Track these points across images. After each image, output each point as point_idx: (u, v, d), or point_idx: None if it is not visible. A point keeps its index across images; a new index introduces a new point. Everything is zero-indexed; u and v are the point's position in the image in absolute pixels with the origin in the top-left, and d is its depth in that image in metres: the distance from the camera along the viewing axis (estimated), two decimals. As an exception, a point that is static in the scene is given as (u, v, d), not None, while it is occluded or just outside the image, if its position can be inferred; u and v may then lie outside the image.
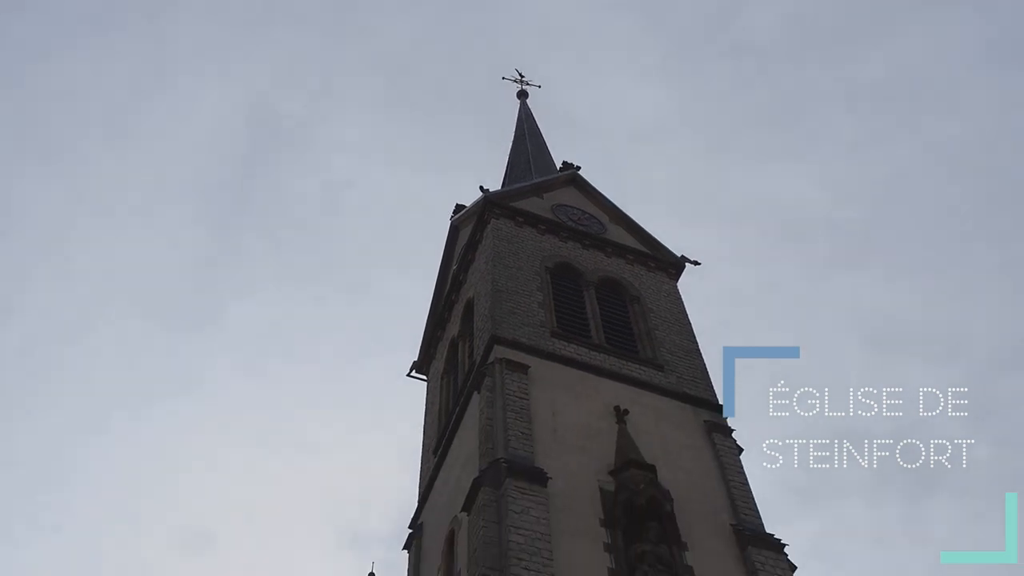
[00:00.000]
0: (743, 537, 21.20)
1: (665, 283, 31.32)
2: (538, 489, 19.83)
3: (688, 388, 26.00)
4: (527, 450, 21.06)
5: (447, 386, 30.20)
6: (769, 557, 20.96)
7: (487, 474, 20.22)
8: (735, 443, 24.48)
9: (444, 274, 35.43)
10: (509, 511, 19.03)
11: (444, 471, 25.70)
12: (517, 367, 23.59)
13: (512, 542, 18.34)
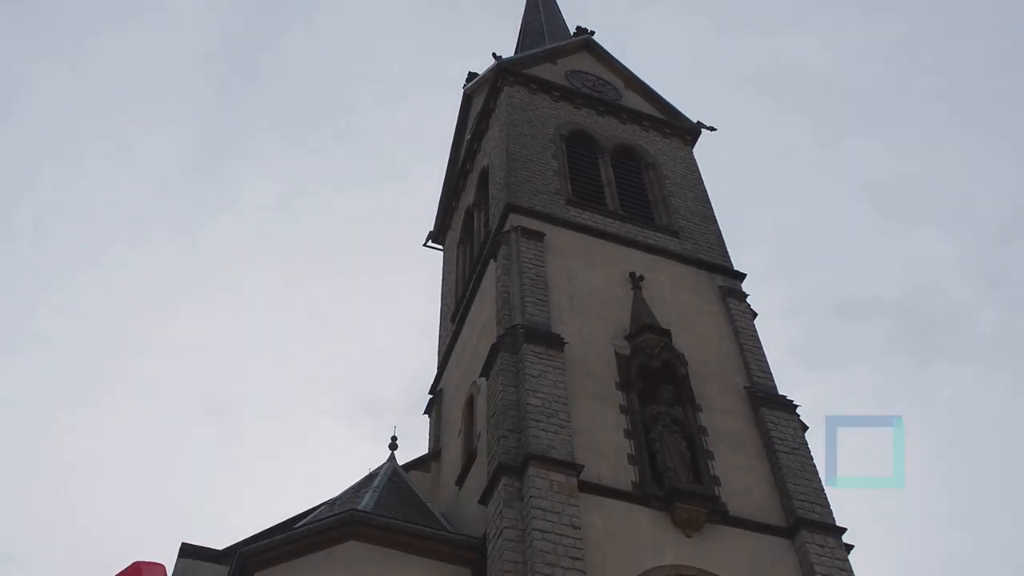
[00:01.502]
0: (756, 399, 21.65)
1: (681, 149, 31.11)
2: (555, 354, 20.21)
3: (703, 254, 26.12)
4: (543, 316, 21.38)
5: (463, 255, 30.43)
6: (781, 418, 21.45)
7: (504, 340, 20.60)
8: (749, 308, 24.75)
9: (458, 144, 35.24)
10: (527, 375, 19.46)
11: (462, 338, 26.15)
12: (533, 235, 23.73)
13: (530, 405, 18.80)
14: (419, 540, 17.50)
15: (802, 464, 20.47)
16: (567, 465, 17.81)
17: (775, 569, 18.26)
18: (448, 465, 23.65)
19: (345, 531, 17.20)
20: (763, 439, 20.93)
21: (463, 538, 18.08)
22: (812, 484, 20.08)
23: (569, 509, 17.07)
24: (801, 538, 18.72)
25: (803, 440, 21.26)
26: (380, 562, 16.96)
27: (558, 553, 16.25)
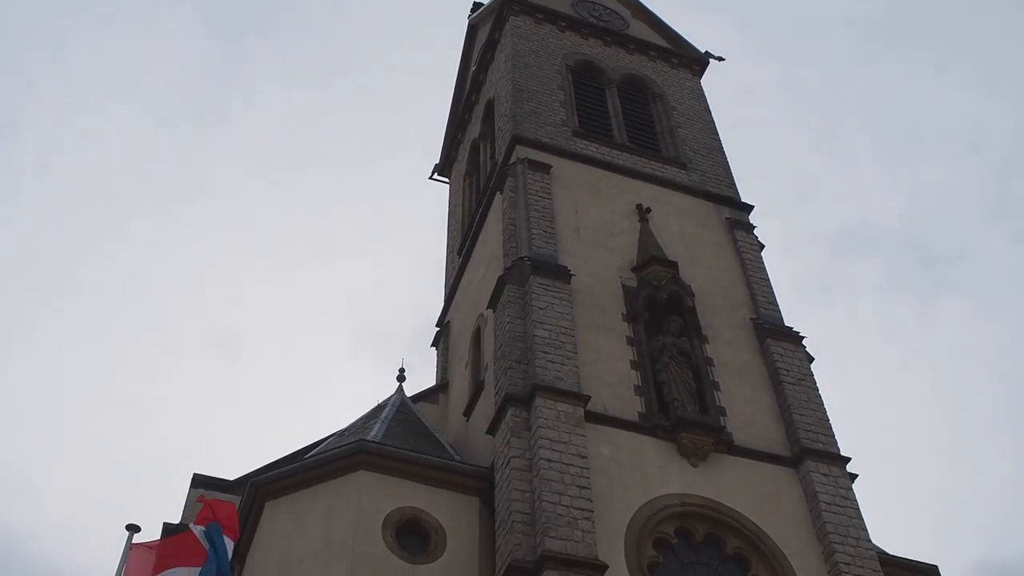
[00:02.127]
0: (762, 330, 21.72)
1: (688, 80, 30.78)
2: (561, 286, 20.25)
3: (711, 186, 25.99)
4: (550, 248, 21.37)
5: (470, 188, 30.33)
6: (787, 349, 21.53)
7: (511, 272, 20.63)
8: (756, 240, 24.71)
9: (463, 75, 34.89)
10: (533, 307, 19.52)
11: (469, 271, 26.18)
12: (539, 167, 23.61)
13: (537, 337, 18.89)
14: (428, 470, 17.72)
15: (807, 395, 20.61)
16: (574, 396, 17.96)
17: (780, 498, 18.49)
18: (456, 397, 23.85)
19: (354, 461, 17.42)
20: (769, 370, 21.04)
21: (471, 468, 18.30)
22: (817, 415, 20.23)
23: (576, 439, 17.25)
24: (806, 467, 18.92)
25: (809, 371, 21.37)
26: (389, 491, 17.19)
27: (565, 482, 16.46)
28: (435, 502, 17.36)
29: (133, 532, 13.02)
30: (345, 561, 16.04)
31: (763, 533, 17.67)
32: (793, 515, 18.27)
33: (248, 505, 17.94)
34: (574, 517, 16.01)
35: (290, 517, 17.30)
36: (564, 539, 15.60)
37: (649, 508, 17.17)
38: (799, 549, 17.68)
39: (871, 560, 17.80)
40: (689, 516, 17.57)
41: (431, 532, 16.94)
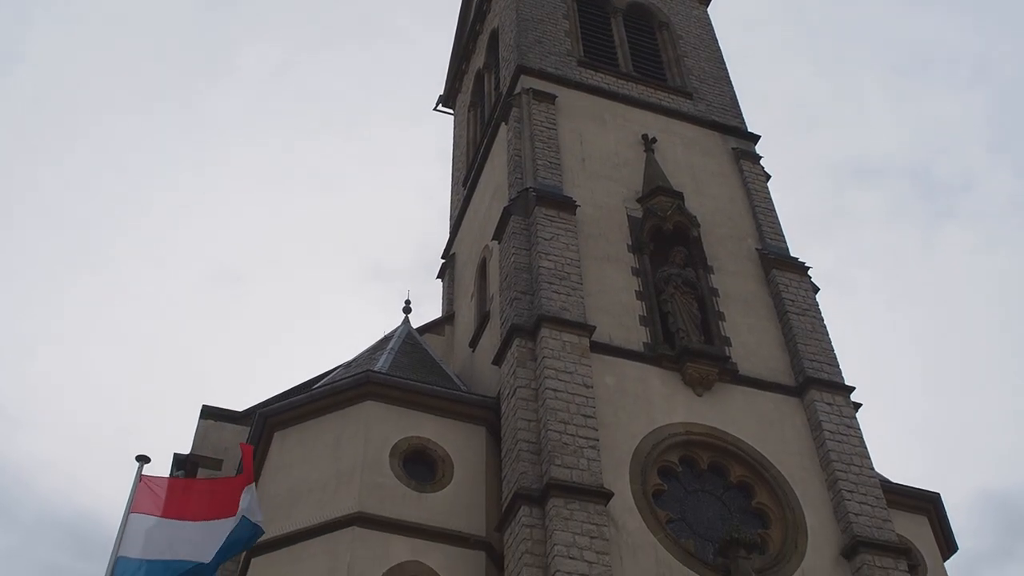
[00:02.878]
0: (768, 260, 21.68)
1: (695, 8, 30.27)
2: (567, 216, 20.19)
3: (717, 116, 25.75)
4: (555, 179, 21.26)
5: (474, 119, 30.08)
6: (792, 279, 21.52)
7: (516, 203, 20.55)
8: (763, 170, 24.54)
9: (467, 5, 34.34)
10: (539, 238, 19.48)
11: (474, 202, 26.08)
12: (544, 97, 23.38)
13: (542, 267, 18.89)
14: (434, 400, 17.85)
15: (812, 325, 20.64)
16: (579, 326, 18.01)
17: (784, 427, 18.63)
18: (462, 328, 23.93)
19: (361, 391, 17.54)
20: (774, 300, 21.06)
21: (478, 398, 18.43)
22: (822, 344, 20.29)
23: (581, 369, 17.34)
24: (810, 396, 19.03)
25: (814, 301, 21.39)
26: (396, 421, 17.34)
27: (571, 411, 16.58)
28: (442, 432, 17.51)
29: (143, 463, 13.09)
30: (353, 490, 16.24)
31: (767, 461, 17.84)
32: (797, 444, 18.42)
33: (257, 435, 18.12)
34: (580, 446, 16.15)
35: (299, 447, 17.49)
36: (570, 467, 15.76)
37: (654, 437, 17.32)
38: (803, 477, 17.86)
39: (874, 487, 17.98)
40: (694, 445, 17.73)
41: (438, 461, 17.12)
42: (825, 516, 17.43)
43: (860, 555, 16.70)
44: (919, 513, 20.83)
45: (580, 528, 15.05)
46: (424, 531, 15.98)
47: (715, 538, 16.53)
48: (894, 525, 17.71)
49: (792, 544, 16.80)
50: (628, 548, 15.51)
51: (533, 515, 15.32)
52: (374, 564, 15.39)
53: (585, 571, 14.57)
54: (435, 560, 15.72)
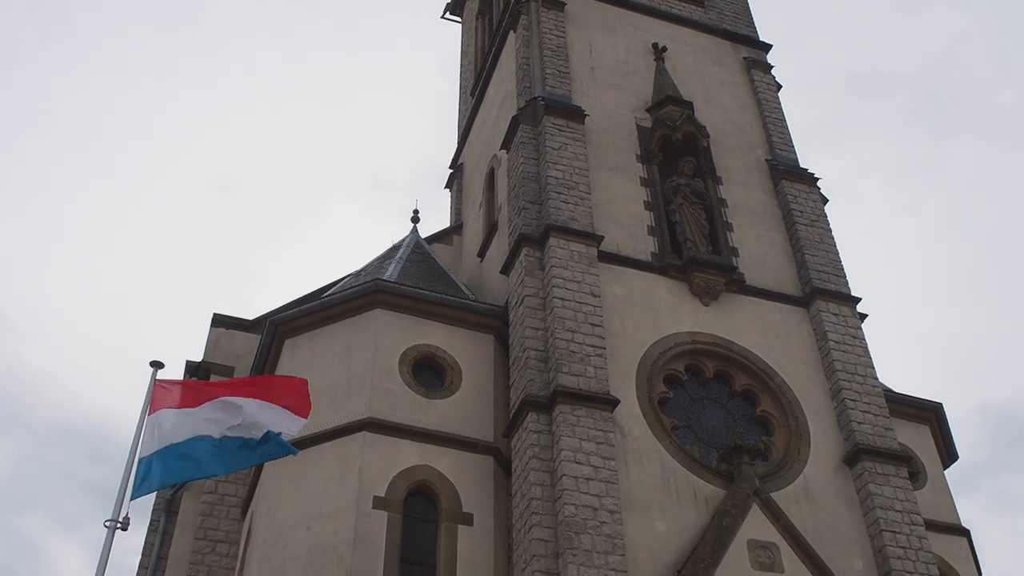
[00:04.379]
0: (777, 171, 21.57)
1: (708, -88, 29.50)
2: (575, 126, 20.05)
3: (728, 24, 25.32)
4: (564, 88, 21.04)
5: (482, 27, 29.62)
6: (801, 190, 21.45)
7: (525, 112, 20.39)
8: (774, 80, 24.24)
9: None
10: (547, 147, 19.38)
11: (482, 112, 25.86)
12: (553, 4, 22.99)
13: (551, 177, 18.83)
14: (443, 308, 17.98)
15: (820, 236, 20.65)
16: (587, 236, 18.04)
17: (789, 337, 18.77)
18: (470, 238, 23.96)
19: (371, 300, 17.67)
20: (782, 211, 21.03)
21: (486, 306, 18.56)
22: (829, 255, 20.32)
23: (589, 278, 17.42)
24: (816, 307, 19.13)
25: (822, 212, 21.35)
26: (405, 329, 17.50)
27: (578, 320, 16.71)
28: (450, 340, 17.68)
29: (157, 368, 13.25)
30: (364, 396, 16.48)
31: (772, 370, 18.03)
32: (802, 353, 18.59)
33: (267, 343, 18.33)
34: (587, 354, 16.33)
35: (309, 354, 17.69)
36: (577, 375, 15.96)
37: (660, 346, 17.48)
38: (807, 386, 18.07)
39: (877, 397, 18.19)
40: (699, 354, 17.90)
41: (447, 368, 17.33)
42: (828, 424, 17.68)
43: (861, 462, 16.99)
44: (921, 422, 21.15)
45: (587, 434, 15.30)
46: (433, 436, 16.27)
47: (719, 445, 16.81)
48: (896, 434, 17.97)
49: (795, 451, 17.08)
50: (634, 454, 15.79)
51: (540, 421, 15.57)
52: (384, 468, 15.71)
53: (591, 476, 14.86)
54: (444, 464, 16.04)
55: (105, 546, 11.00)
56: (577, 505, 14.48)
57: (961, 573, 19.07)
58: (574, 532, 14.19)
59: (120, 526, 11.11)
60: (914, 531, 16.45)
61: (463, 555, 15.27)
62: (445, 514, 15.63)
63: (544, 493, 14.79)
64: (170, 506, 19.33)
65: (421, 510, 15.73)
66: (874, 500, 16.53)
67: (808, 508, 16.29)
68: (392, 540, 15.04)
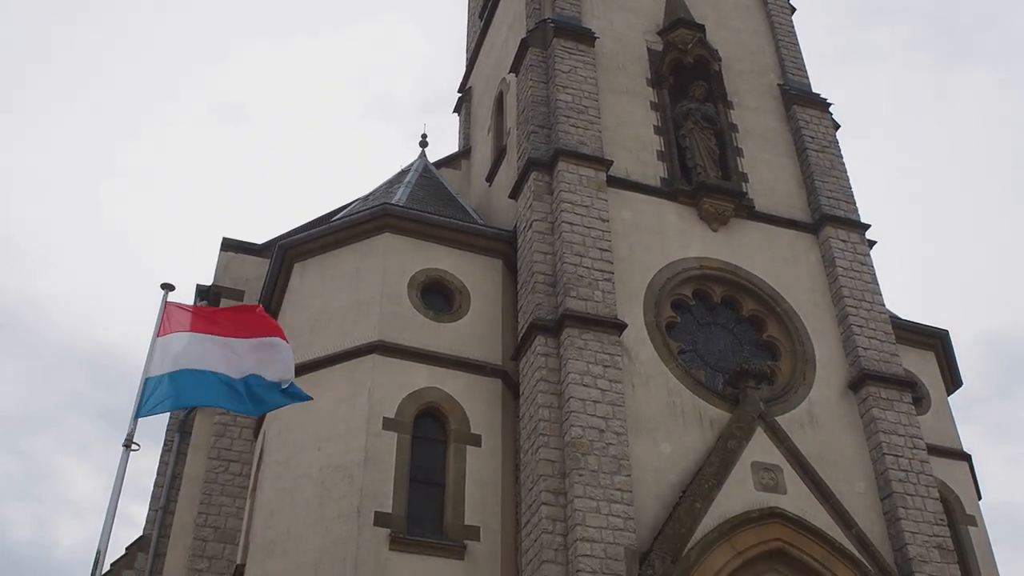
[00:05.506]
0: (789, 96, 21.36)
1: None
2: (585, 48, 19.81)
3: (742, -56, 24.80)
4: (574, 10, 20.74)
5: (491, -53, 29.03)
6: (813, 116, 21.26)
7: (534, 35, 20.13)
8: (787, 2, 23.85)
9: None
10: (556, 71, 19.18)
11: (491, 34, 25.53)
12: (563, -77, 22.50)
13: (560, 101, 18.68)
14: (451, 233, 18.00)
15: (831, 162, 20.53)
16: (596, 160, 17.96)
17: (798, 263, 18.79)
18: (478, 162, 23.87)
19: (379, 224, 17.70)
20: (793, 137, 20.88)
21: (494, 231, 18.58)
22: (840, 182, 20.24)
23: (598, 203, 17.40)
24: (825, 233, 19.12)
25: (834, 138, 21.20)
26: (414, 253, 17.56)
27: (586, 244, 16.74)
28: (459, 264, 17.75)
29: (168, 291, 13.34)
30: (373, 319, 16.62)
31: (779, 296, 18.09)
32: (810, 279, 18.63)
33: (277, 267, 18.42)
34: (595, 278, 16.39)
35: (318, 278, 17.79)
36: (584, 299, 16.04)
37: (668, 271, 17.53)
38: (814, 312, 18.14)
39: (884, 323, 18.27)
40: (707, 279, 17.95)
41: (455, 292, 17.43)
42: (834, 350, 17.79)
43: (866, 387, 17.14)
44: (926, 349, 21.27)
45: (594, 357, 15.45)
46: (442, 359, 16.43)
47: (725, 369, 16.95)
48: (901, 360, 18.09)
49: (800, 376, 17.22)
50: (640, 377, 15.95)
51: (548, 345, 15.71)
52: (394, 390, 15.91)
53: (598, 398, 15.04)
54: (453, 387, 16.24)
55: (121, 465, 11.24)
56: (584, 427, 14.68)
57: (961, 496, 19.37)
58: (581, 453, 14.41)
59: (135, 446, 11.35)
60: (916, 455, 16.67)
61: (471, 475, 15.55)
62: (454, 435, 15.88)
63: (551, 415, 14.99)
64: (183, 427, 19.67)
65: (430, 431, 15.99)
66: (877, 424, 16.72)
67: (812, 432, 16.49)
68: (402, 460, 15.32)
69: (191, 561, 17.58)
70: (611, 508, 14.09)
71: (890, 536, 15.78)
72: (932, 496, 16.29)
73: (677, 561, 13.90)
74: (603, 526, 13.88)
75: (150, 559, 18.15)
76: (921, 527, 15.81)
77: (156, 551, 18.28)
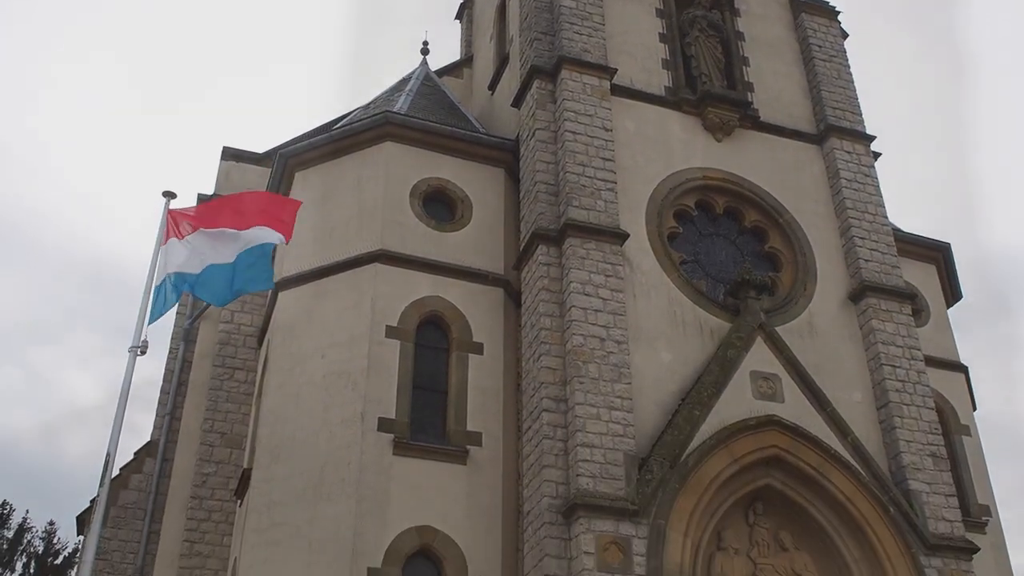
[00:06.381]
0: (797, 4, 21.05)
1: None
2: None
3: None
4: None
5: None
6: (821, 24, 21.00)
7: (538, -61, 19.66)
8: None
9: None
10: (561, -14, 18.77)
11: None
12: None
13: (564, 7, 18.35)
14: (453, 141, 17.88)
15: (838, 72, 20.29)
16: (600, 68, 17.75)
17: (801, 174, 18.71)
18: (480, 70, 23.56)
19: (381, 132, 17.57)
20: (801, 46, 20.60)
21: (496, 139, 18.46)
22: (846, 92, 20.03)
23: (601, 112, 17.25)
24: (830, 144, 19.00)
25: (842, 48, 20.91)
26: (416, 162, 17.48)
27: (589, 154, 16.65)
28: (461, 173, 17.67)
29: (169, 199, 13.35)
30: (375, 228, 16.62)
31: (782, 207, 18.06)
32: (814, 191, 18.58)
33: (278, 176, 18.34)
34: (597, 188, 16.35)
35: (320, 187, 17.73)
36: (587, 208, 16.03)
37: (671, 181, 17.46)
38: (817, 223, 18.13)
39: (886, 235, 18.28)
40: (710, 189, 17.90)
41: (457, 202, 17.40)
42: (835, 261, 17.83)
43: (866, 298, 17.23)
44: (928, 262, 21.32)
45: (596, 267, 15.50)
46: (444, 268, 16.50)
47: (727, 279, 17.03)
48: (902, 272, 18.14)
49: (801, 287, 17.30)
50: (642, 287, 16.02)
51: (550, 254, 15.75)
52: (396, 299, 16.02)
53: (599, 307, 15.14)
54: (455, 295, 16.34)
55: (128, 368, 11.41)
56: (585, 335, 14.81)
57: (956, 407, 19.64)
58: (582, 361, 14.57)
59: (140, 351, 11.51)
60: (913, 366, 16.84)
61: (473, 382, 15.76)
62: (456, 343, 16.04)
63: (553, 324, 15.11)
64: (188, 335, 19.84)
65: (433, 339, 16.15)
66: (876, 336, 16.85)
67: (811, 342, 16.63)
68: (404, 367, 15.50)
69: (198, 465, 17.94)
70: (611, 415, 14.30)
71: (885, 444, 16.04)
72: (928, 406, 16.51)
73: (675, 466, 14.16)
74: (603, 432, 14.11)
75: (158, 463, 18.50)
76: (916, 436, 16.06)
77: (164, 456, 18.62)
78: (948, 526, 15.38)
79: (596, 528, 13.34)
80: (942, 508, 15.53)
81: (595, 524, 13.36)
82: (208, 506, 17.66)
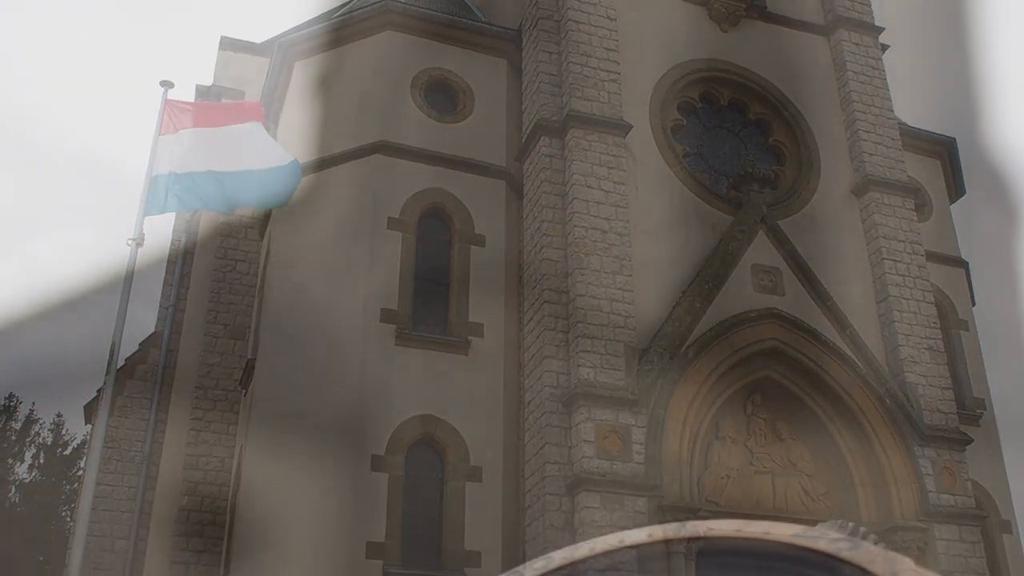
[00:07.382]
0: None
1: None
2: None
3: None
4: None
5: None
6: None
7: None
8: None
9: None
10: None
11: None
12: None
13: None
14: (455, 31, 17.58)
15: (848, -41, 19.78)
16: (605, -45, 17.30)
17: (807, 66, 18.42)
18: (482, -41, 23.00)
19: (381, 21, 17.24)
20: (810, -67, 20.04)
21: (499, 29, 18.12)
22: (855, -11, 19.57)
23: (605, 1, 16.88)
24: (838, 36, 18.67)
25: (852, -66, 20.34)
26: (417, 52, 17.17)
27: (593, 44, 16.38)
28: (463, 64, 17.41)
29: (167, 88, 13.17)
30: (376, 119, 16.45)
31: (787, 100, 17.84)
32: (820, 83, 18.32)
33: (277, 66, 18.08)
34: (600, 79, 16.12)
35: (320, 77, 17.48)
36: (590, 100, 15.83)
37: (676, 72, 17.21)
38: (822, 115, 17.95)
39: (891, 129, 18.10)
40: (715, 81, 17.66)
41: (459, 93, 17.18)
42: (840, 155, 17.70)
43: (869, 193, 17.16)
44: (932, 157, 21.15)
45: (598, 159, 15.39)
46: (446, 160, 16.39)
47: (730, 173, 16.92)
48: (906, 167, 18.02)
49: (804, 180, 17.21)
50: (644, 179, 15.93)
51: (552, 146, 15.64)
52: (398, 190, 15.96)
53: (602, 200, 15.09)
54: (457, 187, 16.27)
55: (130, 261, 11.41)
56: (587, 227, 14.80)
57: (955, 302, 19.73)
58: (583, 253, 14.59)
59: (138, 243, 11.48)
60: (914, 260, 16.87)
61: (475, 273, 15.80)
62: (458, 235, 16.05)
63: (555, 216, 15.09)
64: (189, 227, 19.81)
65: (435, 231, 16.14)
66: (878, 230, 16.84)
67: (812, 236, 16.61)
68: (407, 259, 15.54)
69: (203, 356, 18.14)
70: (612, 307, 14.39)
71: (884, 338, 16.16)
72: (927, 300, 16.59)
73: (675, 357, 14.31)
74: (604, 324, 14.21)
75: (163, 353, 18.67)
76: (914, 329, 16.18)
77: (168, 347, 18.79)
78: (943, 418, 15.61)
79: (596, 417, 13.56)
80: (937, 400, 15.74)
81: (595, 413, 13.58)
82: (213, 395, 17.92)
